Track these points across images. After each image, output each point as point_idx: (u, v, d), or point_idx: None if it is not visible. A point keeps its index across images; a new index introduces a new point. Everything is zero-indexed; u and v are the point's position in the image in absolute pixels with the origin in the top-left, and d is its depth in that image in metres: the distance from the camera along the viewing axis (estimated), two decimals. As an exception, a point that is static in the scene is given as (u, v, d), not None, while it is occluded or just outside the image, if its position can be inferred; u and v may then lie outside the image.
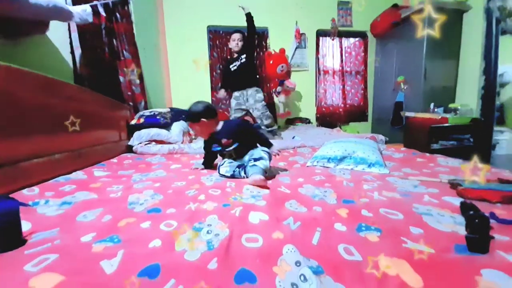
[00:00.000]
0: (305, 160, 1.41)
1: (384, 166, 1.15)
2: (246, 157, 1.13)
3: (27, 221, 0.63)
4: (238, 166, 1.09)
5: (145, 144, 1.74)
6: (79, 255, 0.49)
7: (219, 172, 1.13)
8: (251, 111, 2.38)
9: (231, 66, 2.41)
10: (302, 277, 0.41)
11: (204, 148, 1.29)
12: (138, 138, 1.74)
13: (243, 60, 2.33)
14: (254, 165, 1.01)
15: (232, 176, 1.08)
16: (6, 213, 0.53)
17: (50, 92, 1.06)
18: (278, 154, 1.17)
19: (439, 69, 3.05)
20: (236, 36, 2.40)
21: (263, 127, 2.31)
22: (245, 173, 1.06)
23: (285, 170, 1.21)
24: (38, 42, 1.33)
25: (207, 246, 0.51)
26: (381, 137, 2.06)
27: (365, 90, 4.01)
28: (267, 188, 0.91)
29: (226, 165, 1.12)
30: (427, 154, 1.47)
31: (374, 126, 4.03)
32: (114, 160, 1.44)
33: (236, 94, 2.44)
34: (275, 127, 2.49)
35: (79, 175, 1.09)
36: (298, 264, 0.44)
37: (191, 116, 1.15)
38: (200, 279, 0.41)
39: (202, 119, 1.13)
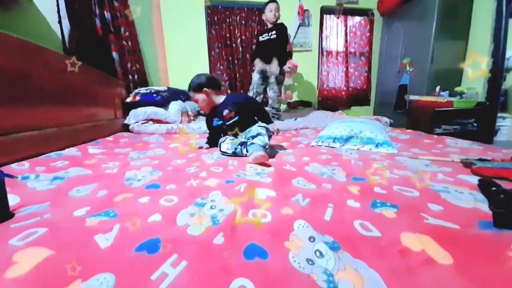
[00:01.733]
0: (309, 141, 1.37)
1: (392, 146, 1.11)
2: (245, 135, 1.08)
3: (15, 195, 0.59)
4: (240, 144, 1.04)
5: (142, 123, 1.67)
6: (71, 229, 0.45)
7: (220, 150, 1.08)
8: (268, 89, 2.27)
9: (260, 37, 2.25)
10: (317, 253, 0.37)
11: (207, 126, 1.26)
12: (134, 117, 1.67)
13: (273, 36, 2.17)
14: (253, 143, 0.97)
15: (234, 154, 1.03)
16: (-13, 183, 0.48)
17: (38, 61, 0.97)
18: (278, 132, 1.12)
19: (447, 50, 2.94)
20: (274, 5, 2.16)
21: (270, 109, 2.23)
22: (247, 151, 1.01)
23: (287, 149, 1.16)
24: (23, 9, 1.22)
25: (211, 221, 0.47)
26: (385, 119, 2.00)
27: (368, 72, 3.89)
28: (269, 165, 0.87)
29: (227, 142, 1.07)
30: (435, 136, 1.42)
31: (376, 111, 3.96)
32: (110, 138, 1.38)
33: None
34: (280, 112, 2.42)
35: (72, 151, 1.04)
36: (312, 240, 0.41)
37: (194, 85, 1.14)
38: (205, 254, 0.37)
39: (205, 89, 1.13)
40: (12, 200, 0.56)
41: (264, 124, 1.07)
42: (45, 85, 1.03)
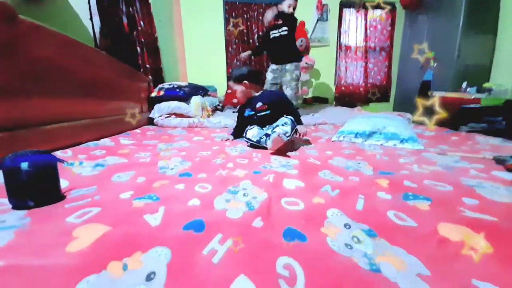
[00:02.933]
0: (329, 136, 1.36)
1: (418, 142, 1.08)
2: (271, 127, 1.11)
3: (64, 179, 0.64)
4: (265, 135, 1.06)
5: (166, 117, 1.73)
6: (121, 209, 0.49)
7: (245, 136, 1.11)
8: (284, 87, 2.19)
9: (271, 33, 2.14)
10: (355, 239, 0.39)
11: (238, 115, 1.30)
12: (158, 111, 1.73)
13: (284, 32, 2.08)
14: (274, 131, 0.99)
15: (258, 142, 1.05)
16: (44, 165, 0.53)
17: (76, 56, 1.04)
18: (306, 134, 1.14)
19: (474, 45, 2.78)
20: (294, 3, 2.05)
21: None
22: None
23: (309, 143, 1.17)
24: (58, 5, 1.30)
25: (247, 207, 0.50)
26: (408, 115, 1.95)
27: (389, 68, 3.76)
28: (287, 155, 0.90)
29: (254, 130, 1.10)
30: (462, 133, 1.37)
31: (396, 108, 3.83)
32: (138, 130, 1.45)
33: (273, 67, 2.18)
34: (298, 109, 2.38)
35: (106, 142, 1.10)
36: (347, 227, 0.42)
37: (236, 76, 1.21)
38: (248, 234, 0.39)
39: (245, 81, 1.19)
40: (62, 183, 0.62)
41: (291, 117, 1.09)
42: (81, 78, 1.10)
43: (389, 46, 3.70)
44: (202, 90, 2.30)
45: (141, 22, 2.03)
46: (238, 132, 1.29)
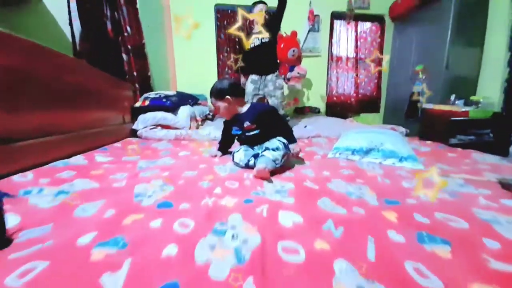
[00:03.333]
0: (325, 151, 1.30)
1: (417, 161, 1.03)
2: (261, 147, 1.02)
3: (15, 214, 0.53)
4: (255, 156, 0.97)
5: (151, 129, 1.62)
6: (74, 264, 0.38)
7: (233, 160, 1.02)
8: (268, 98, 2.11)
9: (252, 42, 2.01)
10: (372, 311, 0.30)
11: (223, 130, 1.20)
12: (143, 122, 1.62)
13: (265, 40, 1.97)
14: (263, 155, 0.91)
15: (247, 166, 0.97)
16: (-16, 207, 0.42)
17: (44, 63, 0.93)
18: (299, 153, 1.04)
19: (462, 58, 2.85)
20: (261, 7, 1.99)
21: None
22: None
23: (303, 161, 1.09)
24: (34, 10, 1.19)
25: (235, 258, 0.40)
26: (401, 129, 1.92)
27: (379, 79, 3.81)
28: (267, 178, 0.82)
29: (241, 153, 1.01)
30: (459, 149, 1.34)
31: (386, 118, 3.87)
32: (118, 144, 1.33)
33: (254, 77, 2.09)
34: (288, 118, 2.30)
35: (79, 160, 0.98)
36: (361, 290, 0.34)
37: (216, 92, 1.07)
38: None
39: (227, 96, 1.05)
40: (12, 220, 0.51)
41: (284, 140, 1.00)
42: (52, 88, 0.98)
43: (379, 58, 3.75)
44: (191, 99, 2.20)
45: (128, 28, 1.93)
46: (224, 147, 1.20)
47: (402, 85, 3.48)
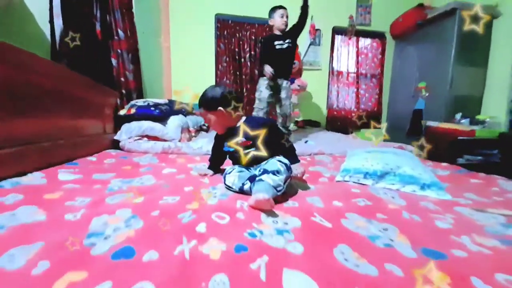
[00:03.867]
0: (331, 172, 1.14)
1: (443, 189, 0.88)
2: (259, 167, 0.86)
3: None
4: (250, 179, 0.81)
5: (135, 140, 1.45)
6: None
7: (224, 182, 0.85)
8: (277, 106, 1.98)
9: (276, 43, 1.90)
10: None
11: (213, 145, 1.03)
12: (127, 132, 1.45)
13: (288, 45, 1.91)
14: (261, 179, 0.74)
15: (241, 191, 0.80)
16: None
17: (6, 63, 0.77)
18: (303, 175, 0.89)
19: (466, 76, 2.79)
20: (285, 12, 1.92)
21: (282, 128, 1.94)
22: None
23: (307, 184, 0.93)
24: (8, 4, 1.05)
25: None
26: (409, 147, 1.78)
27: (380, 95, 3.74)
28: (271, 209, 0.65)
29: (234, 174, 0.84)
30: (481, 174, 1.20)
31: (388, 134, 3.76)
32: (93, 158, 1.15)
33: (270, 82, 1.92)
34: (291, 132, 2.14)
35: (36, 178, 0.81)
36: None
37: (207, 102, 0.90)
38: None
39: (220, 108, 0.88)
40: None
41: (286, 161, 0.83)
42: (14, 91, 0.82)
43: (380, 74, 3.71)
44: (184, 109, 2.05)
45: (119, 32, 1.81)
46: (216, 165, 1.05)
47: (403, 102, 3.41)
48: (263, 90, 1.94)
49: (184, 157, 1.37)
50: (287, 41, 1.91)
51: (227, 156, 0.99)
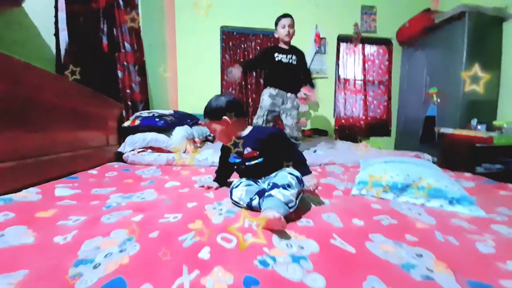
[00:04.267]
0: (345, 185, 1.06)
1: (475, 203, 0.78)
2: (267, 179, 0.79)
3: None
4: (259, 193, 0.74)
5: (139, 152, 1.41)
6: None
7: (231, 197, 0.79)
8: (283, 116, 1.93)
9: (276, 55, 1.86)
10: None
11: (220, 157, 0.97)
12: (131, 144, 1.41)
13: (291, 61, 1.87)
14: (271, 195, 0.67)
15: (249, 207, 0.73)
16: None
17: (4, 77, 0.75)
18: (316, 188, 0.80)
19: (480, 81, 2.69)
20: (288, 21, 1.81)
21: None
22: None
23: (320, 198, 0.85)
24: (12, 17, 1.05)
25: None
26: (427, 156, 1.68)
27: (388, 101, 3.65)
28: (283, 229, 0.58)
29: (241, 189, 0.77)
30: (510, 185, 1.09)
31: (398, 142, 3.64)
32: (94, 171, 1.11)
33: (272, 91, 1.88)
34: (300, 142, 2.09)
35: (30, 194, 0.76)
36: None
37: (211, 111, 0.86)
38: None
39: (225, 117, 0.84)
40: None
41: (297, 173, 0.76)
42: (13, 105, 0.79)
43: (387, 80, 3.64)
44: (190, 119, 2.02)
45: (126, 45, 1.83)
46: (223, 177, 0.99)
47: (414, 109, 3.31)
48: (265, 98, 1.91)
49: (188, 169, 1.31)
50: (290, 56, 1.86)
51: (234, 169, 0.92)
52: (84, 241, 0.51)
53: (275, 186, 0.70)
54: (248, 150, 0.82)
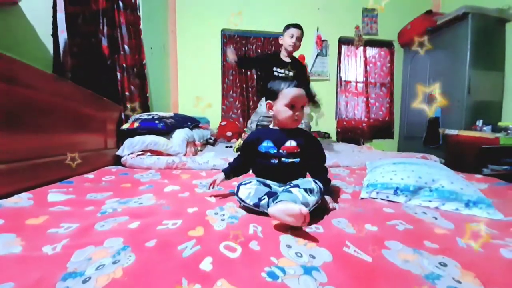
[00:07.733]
0: (352, 187, 1.01)
1: (493, 206, 0.74)
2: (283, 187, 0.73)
3: None
4: (269, 194, 0.69)
5: (138, 155, 1.37)
6: None
7: (237, 195, 0.73)
8: None
9: (275, 69, 1.76)
10: None
11: (243, 145, 0.88)
12: (129, 147, 1.38)
13: (290, 74, 1.78)
14: (289, 190, 0.64)
15: (256, 207, 0.68)
16: None
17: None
18: (331, 210, 0.74)
19: (484, 81, 2.66)
20: (297, 33, 1.71)
21: None
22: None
23: (333, 204, 0.80)
24: (8, 17, 1.03)
25: None
26: (434, 158, 1.63)
27: (391, 103, 3.62)
28: (304, 224, 0.54)
29: (251, 187, 0.71)
30: (524, 186, 1.04)
31: (401, 144, 3.59)
32: (90, 175, 1.06)
33: None
34: None
35: (22, 200, 0.72)
36: None
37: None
38: None
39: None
40: None
41: (320, 184, 0.72)
42: (7, 105, 0.76)
43: (389, 82, 3.62)
44: (190, 122, 1.99)
45: (126, 47, 1.80)
46: (235, 170, 0.88)
47: (417, 110, 3.26)
48: (263, 104, 1.87)
49: (189, 173, 1.27)
50: (287, 70, 1.77)
51: (255, 165, 0.84)
52: (74, 252, 0.47)
53: (296, 186, 0.67)
54: (292, 143, 0.77)
